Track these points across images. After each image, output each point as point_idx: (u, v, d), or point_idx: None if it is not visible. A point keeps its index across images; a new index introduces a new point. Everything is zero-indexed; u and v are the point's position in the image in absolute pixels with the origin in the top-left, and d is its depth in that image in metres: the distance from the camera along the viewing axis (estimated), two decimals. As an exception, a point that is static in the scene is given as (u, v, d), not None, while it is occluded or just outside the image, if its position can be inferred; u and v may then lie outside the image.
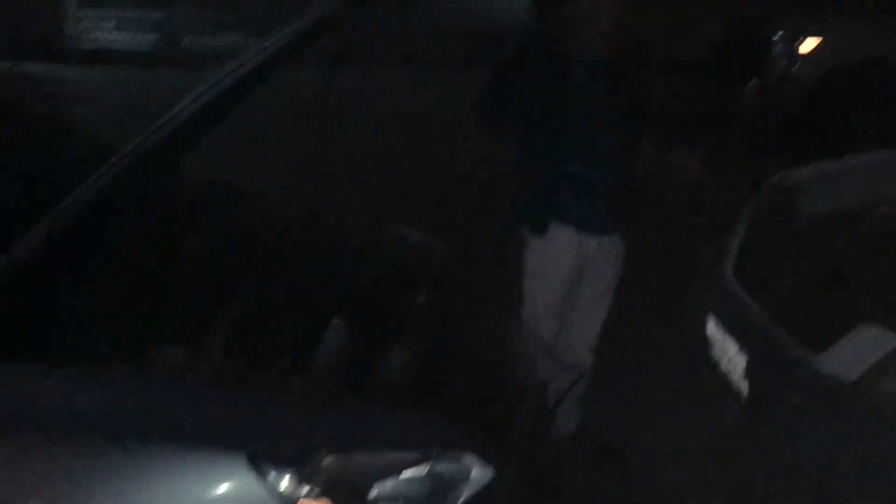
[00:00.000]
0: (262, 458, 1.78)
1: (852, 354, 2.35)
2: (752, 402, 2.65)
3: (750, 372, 2.66)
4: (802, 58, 7.83)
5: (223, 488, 1.76)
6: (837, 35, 7.65)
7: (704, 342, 2.95)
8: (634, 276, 3.02)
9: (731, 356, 2.77)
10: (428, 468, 1.95)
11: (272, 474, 1.78)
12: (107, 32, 13.71)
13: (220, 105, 2.27)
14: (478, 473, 2.03)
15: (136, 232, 2.23)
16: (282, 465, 1.80)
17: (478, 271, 2.88)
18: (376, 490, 1.87)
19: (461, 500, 1.98)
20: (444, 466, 1.99)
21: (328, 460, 1.85)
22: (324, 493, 1.80)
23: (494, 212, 3.05)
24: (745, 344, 2.72)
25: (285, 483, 1.79)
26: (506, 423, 2.27)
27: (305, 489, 1.79)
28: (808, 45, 7.78)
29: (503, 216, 2.97)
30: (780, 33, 7.96)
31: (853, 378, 2.32)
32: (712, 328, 2.92)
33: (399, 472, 1.90)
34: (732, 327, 2.81)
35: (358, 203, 3.45)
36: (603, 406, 3.19)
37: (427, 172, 3.53)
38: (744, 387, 2.68)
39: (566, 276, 2.88)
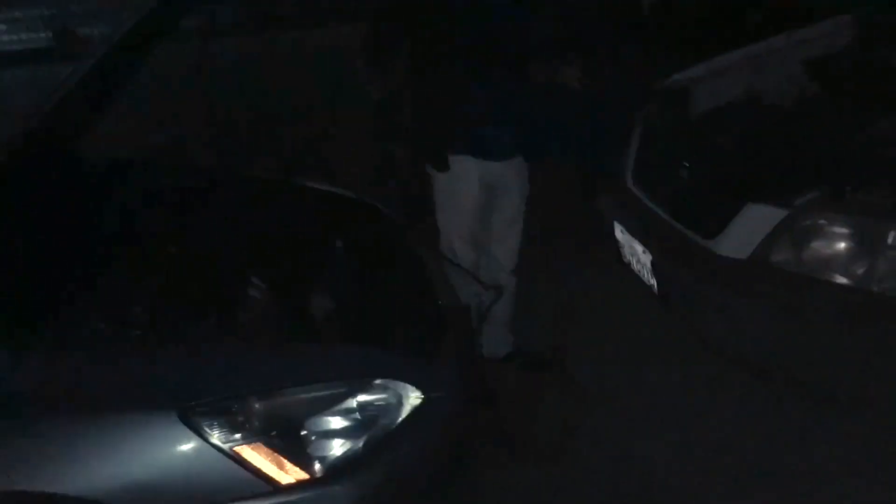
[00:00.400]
0: (192, 413, 1.86)
1: (743, 233, 2.50)
2: (661, 294, 2.80)
3: (657, 268, 2.80)
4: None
5: (159, 447, 1.83)
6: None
7: (615, 246, 3.09)
8: (542, 196, 3.12)
9: (638, 257, 2.92)
10: (356, 399, 2.05)
11: (204, 427, 1.85)
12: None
13: (102, 84, 2.29)
14: (407, 399, 2.13)
15: (42, 206, 2.26)
16: (212, 416, 1.87)
17: (391, 214, 2.96)
18: (307, 426, 1.96)
19: (394, 425, 2.08)
20: (371, 395, 2.08)
21: (257, 405, 1.93)
22: (256, 438, 1.89)
23: (398, 156, 3.11)
24: (648, 243, 2.86)
25: (217, 434, 1.87)
26: (432, 349, 2.37)
27: (238, 436, 1.87)
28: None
29: (407, 158, 3.04)
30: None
31: (746, 255, 2.48)
32: (619, 233, 3.05)
33: (328, 406, 1.99)
34: (635, 230, 2.94)
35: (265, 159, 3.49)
36: (531, 323, 3.31)
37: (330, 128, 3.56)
38: (653, 283, 2.83)
39: (474, 205, 2.98)
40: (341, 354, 2.18)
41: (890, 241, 2.26)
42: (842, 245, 2.34)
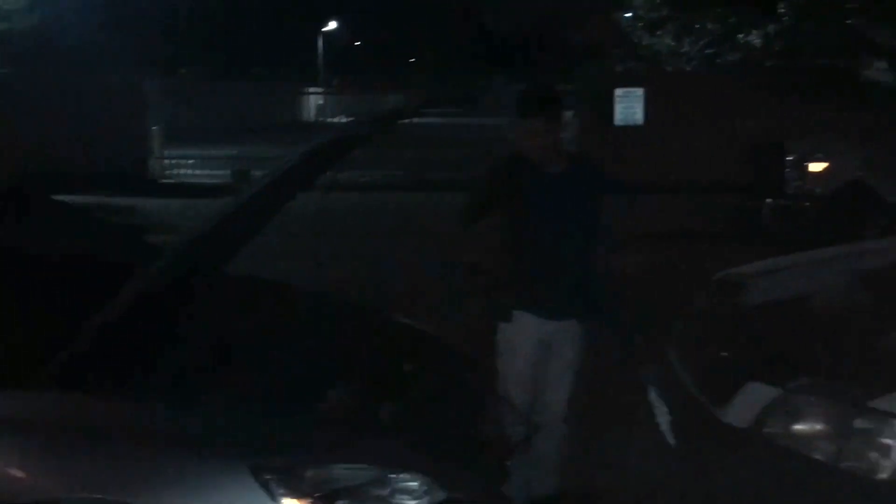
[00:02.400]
0: (262, 468, 2.43)
1: (744, 406, 2.92)
2: (677, 447, 3.22)
3: (675, 426, 3.23)
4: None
5: (224, 490, 2.40)
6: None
7: (648, 407, 3.53)
8: (594, 355, 3.62)
9: (663, 416, 3.35)
10: (390, 484, 2.57)
11: (268, 481, 2.42)
12: (187, 168, 15.18)
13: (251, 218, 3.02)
14: (433, 493, 2.64)
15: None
16: (276, 473, 2.44)
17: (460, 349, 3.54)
18: (345, 496, 2.49)
19: None
20: (403, 483, 2.61)
21: (311, 472, 2.49)
22: (300, 496, 2.43)
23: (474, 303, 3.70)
24: (672, 406, 3.30)
25: (278, 487, 2.43)
26: (464, 460, 2.87)
27: (291, 492, 2.43)
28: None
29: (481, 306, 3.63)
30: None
31: (745, 425, 2.89)
32: (653, 396, 3.50)
33: (364, 484, 2.53)
34: (665, 396, 3.39)
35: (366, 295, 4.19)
36: (577, 466, 3.75)
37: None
38: (671, 438, 3.25)
39: (528, 356, 3.51)
40: (388, 447, 2.72)
41: (856, 426, 2.63)
42: (819, 426, 2.73)
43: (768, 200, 8.99)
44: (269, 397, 2.77)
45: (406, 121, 3.52)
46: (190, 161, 15.39)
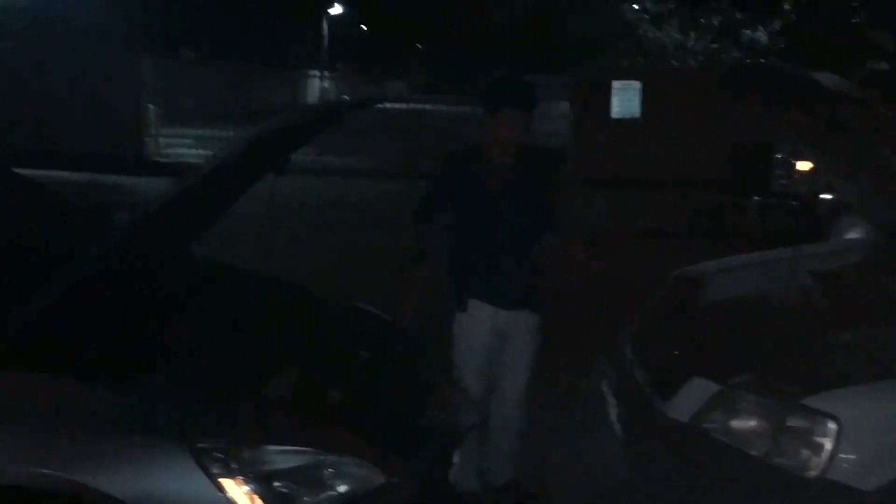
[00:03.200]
0: (199, 448, 2.47)
1: (686, 401, 2.96)
2: (624, 439, 3.26)
3: (621, 419, 3.27)
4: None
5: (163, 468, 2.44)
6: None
7: (602, 400, 3.57)
8: (549, 344, 3.66)
9: (613, 408, 3.39)
10: (326, 467, 2.61)
11: (205, 461, 2.46)
12: (184, 148, 15.20)
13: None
14: (371, 477, 2.68)
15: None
16: (213, 454, 2.48)
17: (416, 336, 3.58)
18: (280, 477, 2.53)
19: (354, 495, 2.62)
20: (341, 467, 2.64)
21: (247, 453, 2.53)
22: (237, 475, 2.47)
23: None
24: (622, 399, 3.34)
25: (215, 467, 2.46)
26: (410, 446, 2.91)
27: (228, 471, 2.46)
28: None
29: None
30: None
31: (686, 419, 2.92)
32: (606, 388, 3.54)
33: (301, 467, 2.57)
34: (617, 388, 3.43)
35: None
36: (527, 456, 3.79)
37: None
38: (618, 429, 3.29)
39: (484, 344, 3.55)
40: (328, 431, 2.75)
41: (789, 424, 2.67)
42: (754, 422, 2.76)
43: (755, 198, 9.01)
44: (213, 379, 2.81)
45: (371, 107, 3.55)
46: (186, 141, 15.40)
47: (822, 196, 8.04)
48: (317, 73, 31.07)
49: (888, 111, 2.93)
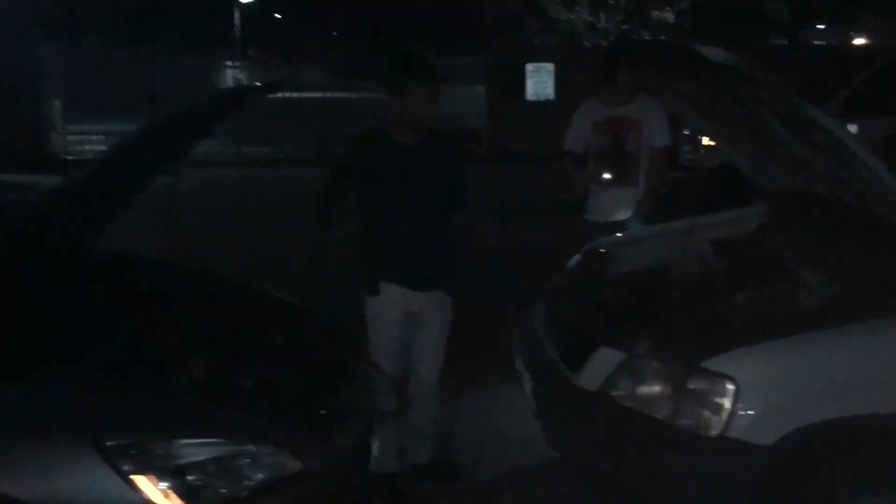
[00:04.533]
0: (106, 445, 2.42)
1: (594, 371, 3.03)
2: (538, 413, 3.33)
3: (535, 392, 3.34)
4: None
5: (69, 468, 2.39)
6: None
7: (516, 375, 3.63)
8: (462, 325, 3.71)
9: (527, 383, 3.45)
10: (242, 457, 2.60)
11: (110, 455, 2.41)
12: (92, 145, 14.75)
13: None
14: (287, 465, 2.68)
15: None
16: (121, 450, 2.44)
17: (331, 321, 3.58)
18: (194, 470, 2.50)
19: (271, 483, 2.62)
20: (257, 456, 2.63)
21: (157, 447, 2.50)
22: (149, 471, 2.44)
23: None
24: (535, 373, 3.40)
25: (125, 465, 2.42)
26: (328, 432, 2.91)
27: (138, 467, 2.43)
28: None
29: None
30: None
31: (595, 388, 3.00)
32: (519, 364, 3.60)
33: (216, 457, 2.55)
34: (530, 363, 3.49)
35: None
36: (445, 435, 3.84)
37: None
38: (532, 403, 3.36)
39: (397, 326, 3.58)
40: (241, 420, 2.73)
41: (690, 386, 2.77)
42: (658, 387, 2.85)
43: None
44: (120, 372, 2.77)
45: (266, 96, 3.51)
46: (94, 137, 14.96)
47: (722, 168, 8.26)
48: (230, 62, 30.43)
49: (774, 83, 3.04)
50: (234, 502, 2.55)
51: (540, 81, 14.03)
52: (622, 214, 4.68)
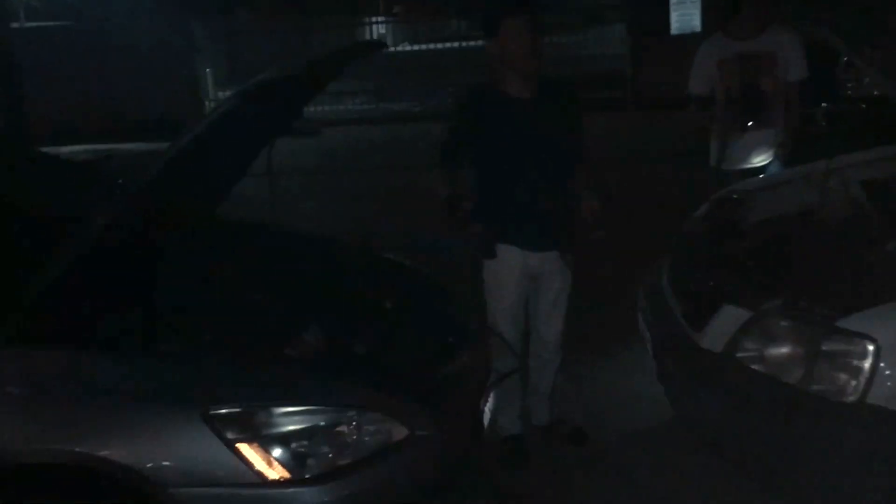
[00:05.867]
0: (214, 414, 2.46)
1: (718, 330, 2.81)
2: (660, 373, 3.14)
3: (657, 352, 3.14)
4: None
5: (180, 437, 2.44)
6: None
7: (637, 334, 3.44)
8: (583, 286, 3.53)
9: (650, 342, 3.26)
10: (345, 424, 2.58)
11: (220, 427, 2.45)
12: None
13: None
14: (392, 431, 2.63)
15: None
16: (228, 419, 2.46)
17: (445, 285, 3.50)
18: (298, 437, 2.50)
19: (376, 451, 2.58)
20: (361, 423, 2.60)
21: (262, 415, 2.51)
22: (254, 440, 2.45)
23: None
24: (657, 332, 3.20)
25: (229, 433, 2.45)
26: (436, 397, 2.84)
27: (243, 436, 2.45)
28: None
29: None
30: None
31: (719, 349, 2.78)
32: (641, 323, 3.40)
33: (320, 424, 2.53)
34: (653, 321, 3.29)
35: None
36: (571, 397, 3.70)
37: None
38: (654, 364, 3.16)
39: (516, 288, 3.44)
40: (343, 388, 2.70)
41: (824, 348, 2.50)
42: (789, 348, 2.60)
43: (823, 105, 8.54)
44: (232, 341, 2.79)
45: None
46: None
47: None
48: (374, 19, 30.70)
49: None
50: (339, 469, 2.53)
51: (685, 13, 13.22)
52: (760, 160, 4.30)
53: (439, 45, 20.23)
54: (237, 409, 2.50)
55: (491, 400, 3.17)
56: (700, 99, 4.41)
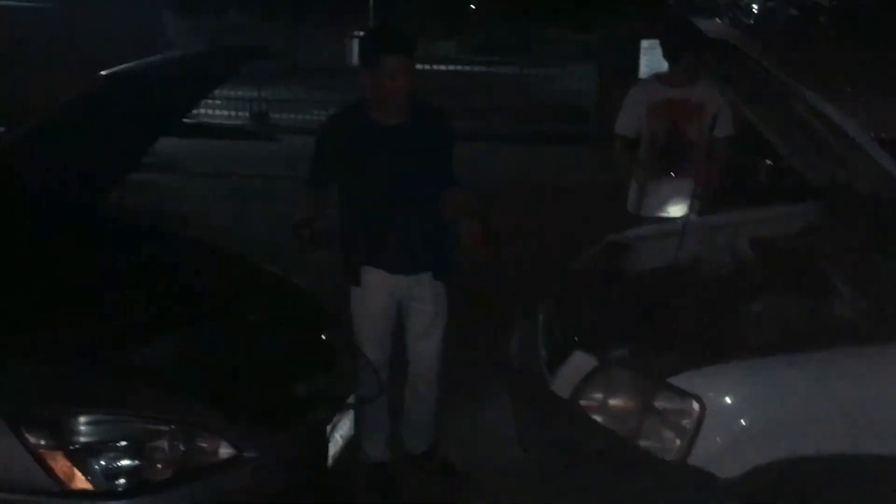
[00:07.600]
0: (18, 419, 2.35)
1: (567, 376, 2.74)
2: (514, 412, 3.08)
3: (510, 389, 3.09)
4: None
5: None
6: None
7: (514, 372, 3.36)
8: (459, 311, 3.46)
9: (514, 382, 3.19)
10: (165, 439, 2.48)
11: (24, 432, 2.33)
12: (209, 109, 15.07)
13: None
14: (218, 451, 2.54)
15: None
16: (35, 425, 2.36)
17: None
18: (107, 450, 2.40)
19: (183, 461, 2.47)
20: (182, 439, 2.50)
21: (70, 423, 2.40)
22: (60, 448, 2.35)
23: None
24: (522, 371, 3.15)
25: (34, 439, 2.34)
26: (278, 419, 2.75)
27: (47, 444, 2.34)
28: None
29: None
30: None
31: (566, 395, 2.71)
32: (516, 360, 3.33)
33: (134, 437, 2.44)
34: (521, 359, 3.22)
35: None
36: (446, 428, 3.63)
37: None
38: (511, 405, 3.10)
39: (383, 314, 3.36)
40: (170, 400, 2.59)
41: (655, 403, 2.44)
42: (625, 401, 2.54)
43: (767, 161, 8.58)
44: (58, 346, 2.67)
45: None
46: (215, 102, 15.27)
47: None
48: (363, 33, 30.70)
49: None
50: (152, 485, 2.44)
51: (655, 58, 13.30)
52: (676, 210, 4.27)
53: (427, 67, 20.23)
54: (43, 416, 2.40)
55: (347, 425, 3.09)
56: (625, 140, 4.38)
